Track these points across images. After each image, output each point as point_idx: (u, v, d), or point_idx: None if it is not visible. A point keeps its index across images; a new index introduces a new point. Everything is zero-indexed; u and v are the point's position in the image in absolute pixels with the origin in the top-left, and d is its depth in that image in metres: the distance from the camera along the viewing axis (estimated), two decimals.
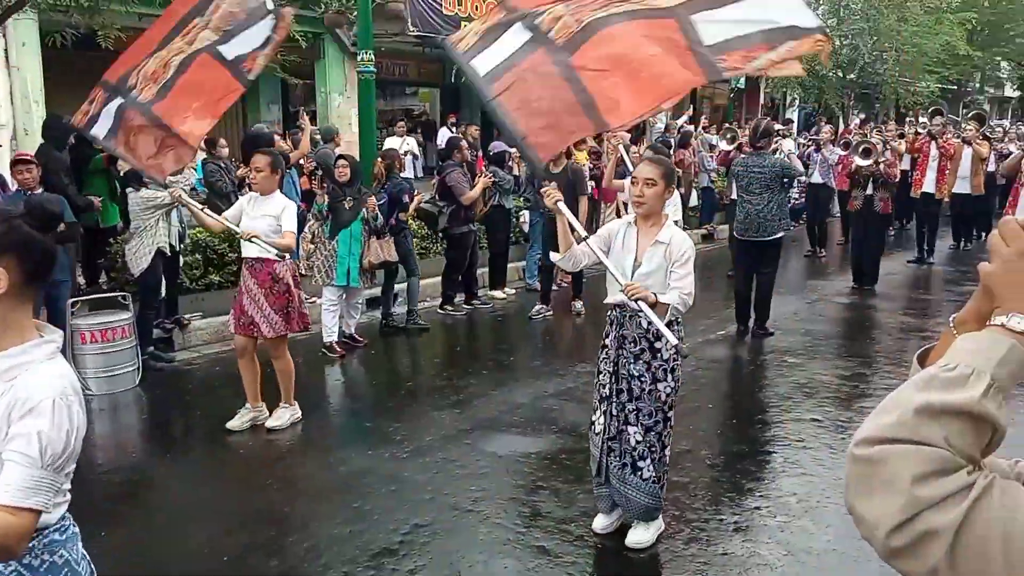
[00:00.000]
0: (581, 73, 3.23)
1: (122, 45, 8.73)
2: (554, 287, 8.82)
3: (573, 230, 3.69)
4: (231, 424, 5.35)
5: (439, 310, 8.45)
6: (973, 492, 0.84)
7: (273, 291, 5.18)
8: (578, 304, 8.47)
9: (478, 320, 8.47)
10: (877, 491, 0.87)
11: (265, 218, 5.10)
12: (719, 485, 4.63)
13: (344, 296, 7.12)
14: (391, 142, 10.39)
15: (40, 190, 6.06)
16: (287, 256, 5.20)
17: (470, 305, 8.66)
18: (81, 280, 7.67)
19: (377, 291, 7.94)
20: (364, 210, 6.99)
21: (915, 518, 0.85)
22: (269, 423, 5.36)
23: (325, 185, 7.25)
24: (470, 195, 8.19)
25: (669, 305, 3.55)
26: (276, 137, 8.89)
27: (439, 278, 8.64)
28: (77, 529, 1.97)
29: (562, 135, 3.38)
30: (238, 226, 5.08)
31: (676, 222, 6.08)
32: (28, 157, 6.21)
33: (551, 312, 8.41)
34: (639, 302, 3.39)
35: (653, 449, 3.80)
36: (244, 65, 4.22)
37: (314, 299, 7.38)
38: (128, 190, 6.43)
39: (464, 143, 9.32)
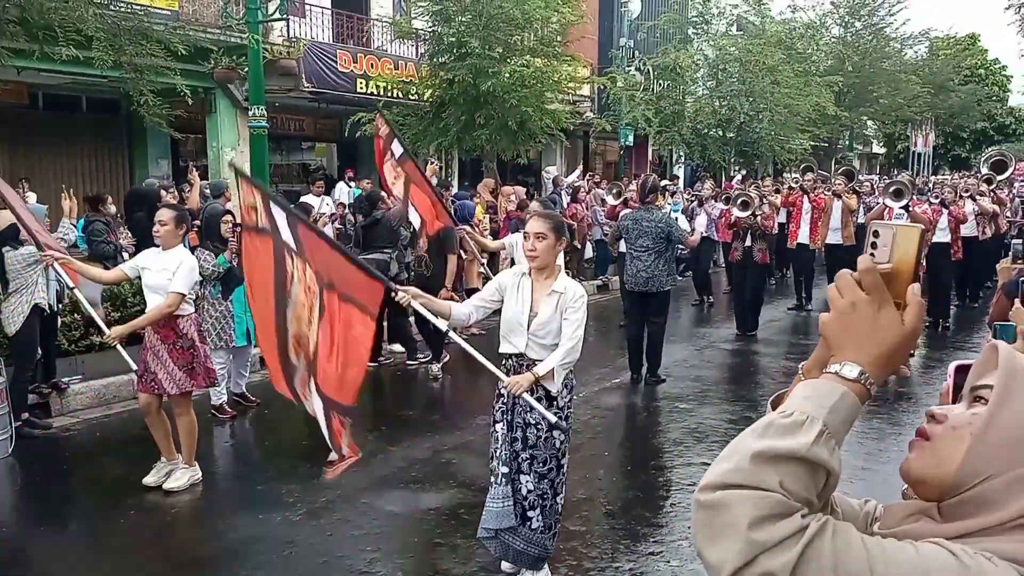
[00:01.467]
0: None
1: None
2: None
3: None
4: (147, 480, 5.21)
5: None
6: (807, 534, 0.87)
7: (177, 346, 5.12)
8: (435, 368, 8.14)
9: (378, 375, 8.38)
10: (719, 536, 0.89)
11: (164, 272, 5.05)
12: (615, 532, 4.71)
13: (233, 356, 6.92)
14: (310, 200, 10.20)
15: None
16: (191, 310, 5.21)
17: (375, 363, 8.55)
18: None
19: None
20: None
21: (753, 562, 0.87)
22: (167, 484, 5.18)
23: (232, 241, 7.00)
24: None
25: (555, 367, 3.72)
26: (163, 192, 8.65)
27: None
28: None
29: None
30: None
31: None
32: None
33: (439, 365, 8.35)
34: (523, 396, 3.65)
35: (545, 497, 3.86)
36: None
37: None
38: (5, 249, 6.12)
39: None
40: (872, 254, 1.04)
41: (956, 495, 0.99)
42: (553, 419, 3.59)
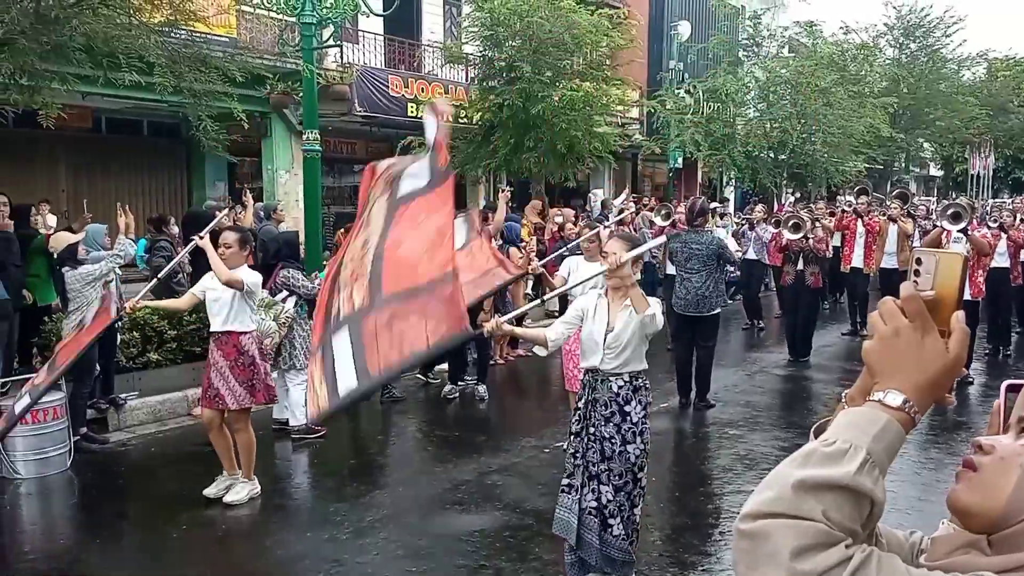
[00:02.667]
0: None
1: (63, 123, 8.79)
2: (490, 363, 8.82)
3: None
4: (207, 491, 5.36)
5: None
6: (851, 565, 0.85)
7: (238, 363, 5.26)
8: (481, 389, 8.17)
9: (422, 396, 8.43)
10: (760, 565, 0.88)
11: (229, 291, 5.24)
12: (663, 559, 4.64)
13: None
14: None
15: None
16: (253, 327, 5.40)
17: (424, 376, 8.62)
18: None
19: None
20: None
21: None
22: (227, 498, 5.32)
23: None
24: None
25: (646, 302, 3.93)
26: (218, 214, 8.86)
27: None
28: None
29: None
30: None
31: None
32: None
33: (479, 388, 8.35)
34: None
35: (623, 508, 3.98)
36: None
37: None
38: (64, 269, 6.33)
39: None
40: (915, 281, 1.02)
41: (1006, 528, 0.96)
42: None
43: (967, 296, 8.47)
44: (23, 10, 6.36)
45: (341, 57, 14.44)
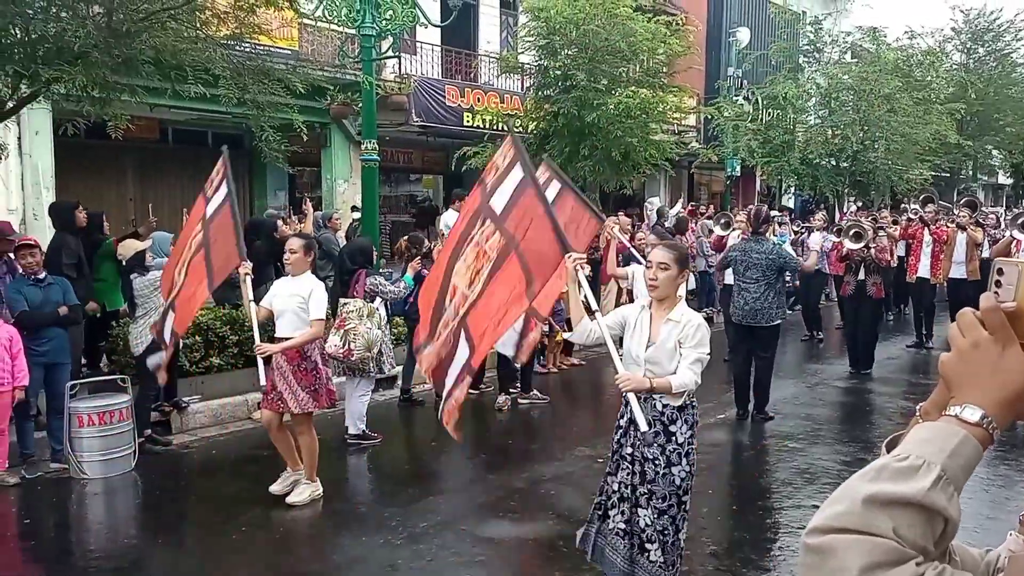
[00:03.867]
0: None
1: (131, 134, 9.08)
2: (543, 370, 8.78)
3: (588, 306, 3.81)
4: (273, 488, 5.50)
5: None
6: None
7: (301, 368, 5.37)
8: (500, 399, 8.12)
9: (479, 403, 8.44)
10: None
11: (294, 297, 5.38)
12: (719, 574, 4.55)
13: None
14: (449, 217, 10.59)
15: (43, 274, 6.15)
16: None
17: (476, 390, 8.63)
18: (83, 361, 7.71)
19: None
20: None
21: None
22: (290, 499, 5.45)
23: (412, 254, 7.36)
24: None
25: (672, 384, 3.66)
26: (279, 223, 9.04)
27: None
28: None
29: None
30: (268, 310, 5.51)
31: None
32: (31, 242, 6.33)
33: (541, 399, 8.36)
34: (627, 393, 3.53)
35: (665, 533, 3.77)
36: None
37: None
38: (132, 276, 6.52)
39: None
40: (996, 292, 0.98)
41: None
42: (643, 424, 3.37)
43: None
44: (96, 24, 6.58)
45: (399, 68, 14.63)
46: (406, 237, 8.05)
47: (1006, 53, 25.37)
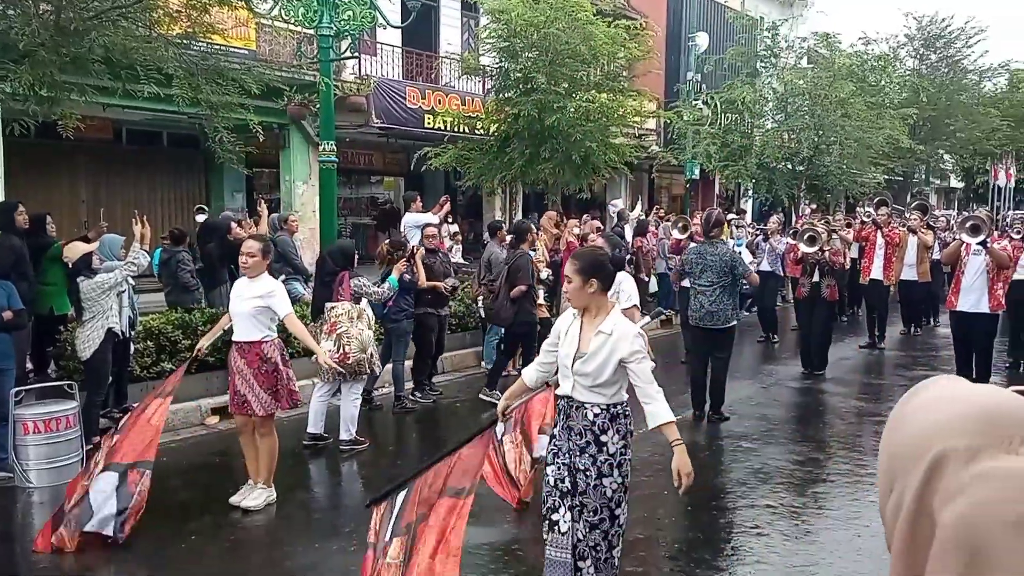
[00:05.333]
0: None
1: (84, 135, 8.90)
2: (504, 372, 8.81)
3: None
4: (233, 499, 5.41)
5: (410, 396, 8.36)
6: None
7: (262, 370, 5.33)
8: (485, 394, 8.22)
9: (436, 407, 8.41)
10: None
11: (252, 300, 5.31)
12: (674, 575, 4.58)
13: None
14: (426, 218, 10.48)
15: None
16: (274, 335, 5.43)
17: (436, 392, 8.60)
18: (29, 366, 7.52)
19: None
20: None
21: None
22: (244, 503, 5.37)
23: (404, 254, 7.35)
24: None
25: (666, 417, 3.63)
26: (234, 224, 8.93)
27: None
28: None
29: None
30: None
31: (635, 307, 6.18)
32: None
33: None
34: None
35: (598, 549, 3.61)
36: None
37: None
38: (80, 278, 6.38)
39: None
40: None
41: None
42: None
43: (986, 309, 8.36)
44: (44, 22, 6.44)
45: (359, 69, 14.54)
46: (387, 241, 8.03)
47: (957, 60, 26.03)
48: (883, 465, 0.86)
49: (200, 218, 7.89)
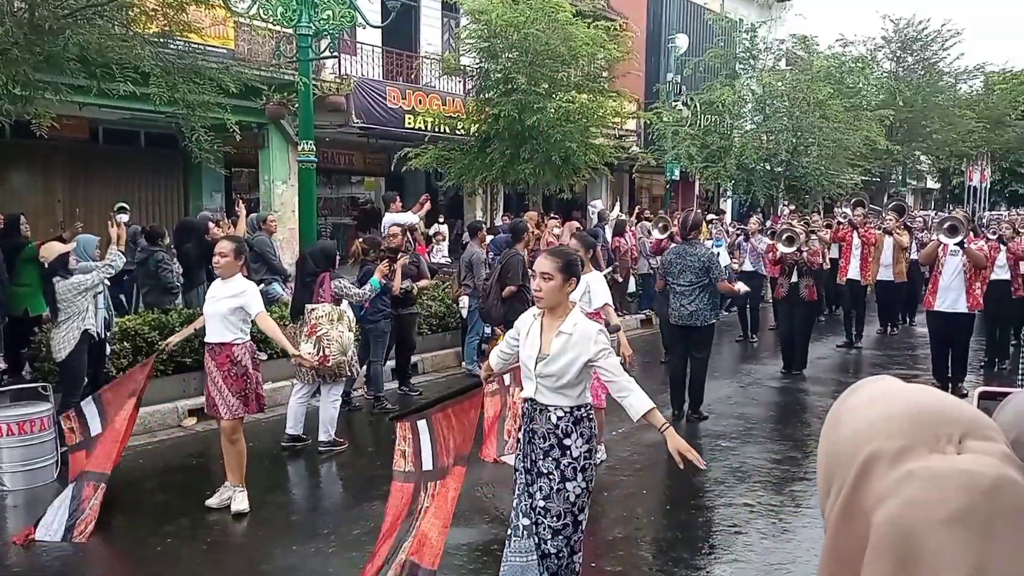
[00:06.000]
0: None
1: (60, 134, 8.79)
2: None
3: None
4: (210, 502, 5.37)
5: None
6: None
7: (232, 373, 5.27)
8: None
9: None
10: None
11: (225, 300, 5.26)
12: (653, 574, 4.60)
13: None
14: (403, 217, 10.42)
15: None
16: (247, 337, 5.38)
17: (403, 391, 8.58)
18: (3, 366, 7.44)
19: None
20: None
21: None
22: (234, 507, 5.31)
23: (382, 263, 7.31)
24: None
25: (646, 405, 3.57)
26: (211, 224, 8.86)
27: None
28: None
29: None
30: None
31: (607, 305, 6.15)
32: None
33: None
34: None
35: (560, 555, 3.55)
36: None
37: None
38: (55, 279, 6.31)
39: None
40: None
41: None
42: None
43: (964, 308, 8.45)
44: (17, 21, 6.36)
45: (339, 69, 14.48)
46: (361, 239, 7.98)
47: (933, 62, 26.30)
48: (821, 466, 0.88)
49: (122, 218, 7.53)
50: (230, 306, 5.25)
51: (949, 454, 0.77)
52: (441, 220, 15.86)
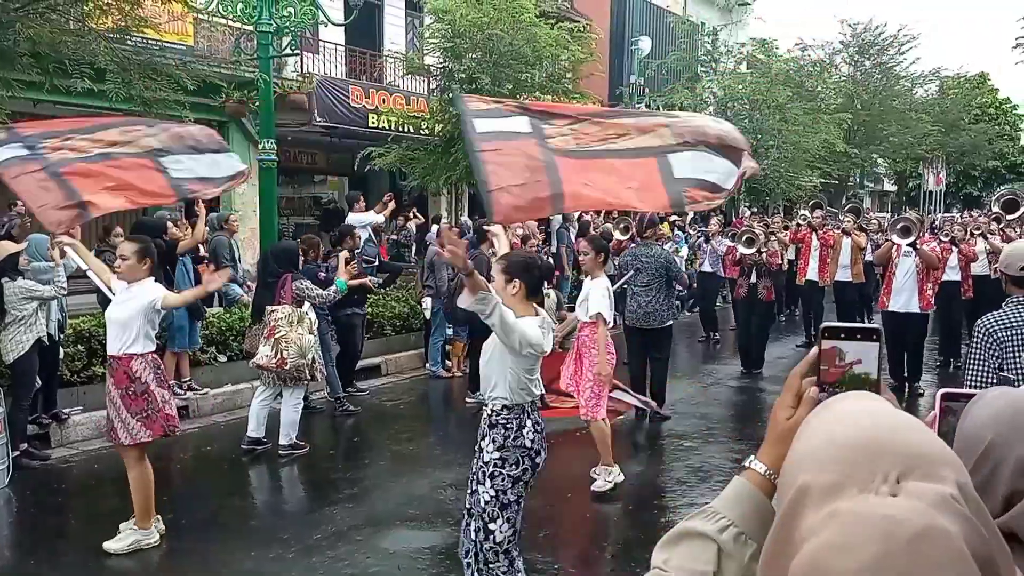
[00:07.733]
0: (561, 171, 3.56)
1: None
2: (447, 374, 8.75)
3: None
4: (107, 545, 4.74)
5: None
6: None
7: (130, 392, 4.64)
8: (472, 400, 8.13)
9: (379, 406, 8.33)
10: None
11: (127, 303, 4.69)
12: (614, 574, 4.62)
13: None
14: (366, 217, 10.32)
15: None
16: (152, 347, 4.77)
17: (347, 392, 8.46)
18: None
19: None
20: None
21: None
22: (106, 544, 4.70)
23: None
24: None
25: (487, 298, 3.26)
26: (170, 224, 8.69)
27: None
28: None
29: (520, 210, 3.60)
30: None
31: (600, 316, 6.06)
32: None
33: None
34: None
35: (476, 558, 3.49)
36: (189, 187, 4.93)
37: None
38: (4, 280, 6.14)
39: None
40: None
41: None
42: None
43: (917, 309, 8.62)
44: None
45: (301, 67, 14.33)
46: (300, 239, 7.88)
47: (890, 66, 26.78)
48: (783, 472, 0.86)
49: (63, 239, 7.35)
50: (129, 311, 4.65)
51: (881, 495, 0.71)
52: (417, 216, 15.73)
